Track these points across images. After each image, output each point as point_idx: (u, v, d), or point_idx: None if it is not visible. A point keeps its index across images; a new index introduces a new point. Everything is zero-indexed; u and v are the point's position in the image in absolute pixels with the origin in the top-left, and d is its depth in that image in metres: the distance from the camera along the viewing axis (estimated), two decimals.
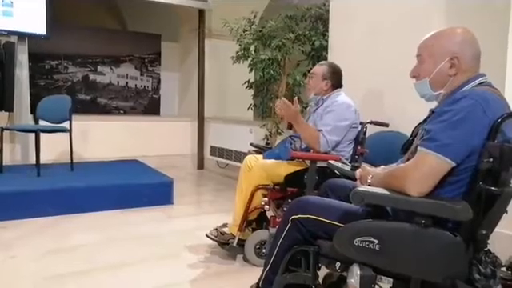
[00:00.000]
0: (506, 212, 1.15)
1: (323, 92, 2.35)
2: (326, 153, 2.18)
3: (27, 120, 4.27)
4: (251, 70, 4.21)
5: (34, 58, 5.01)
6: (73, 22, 5.79)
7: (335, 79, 2.36)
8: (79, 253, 2.47)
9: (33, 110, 4.12)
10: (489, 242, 1.13)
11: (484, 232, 1.08)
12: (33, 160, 3.83)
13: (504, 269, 1.25)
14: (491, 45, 2.13)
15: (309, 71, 3.60)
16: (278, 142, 3.68)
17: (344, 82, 2.40)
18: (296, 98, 2.20)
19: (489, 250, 1.12)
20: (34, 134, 3.61)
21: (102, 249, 2.55)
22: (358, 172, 1.39)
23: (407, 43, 1.34)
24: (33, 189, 3.22)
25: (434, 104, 1.33)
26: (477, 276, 1.07)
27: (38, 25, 4.21)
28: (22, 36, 4.21)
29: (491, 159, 1.05)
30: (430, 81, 1.27)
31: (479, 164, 1.07)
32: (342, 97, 2.31)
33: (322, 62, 2.52)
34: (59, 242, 2.64)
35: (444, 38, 1.25)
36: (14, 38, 4.17)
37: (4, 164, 3.71)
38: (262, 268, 1.52)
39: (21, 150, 4.33)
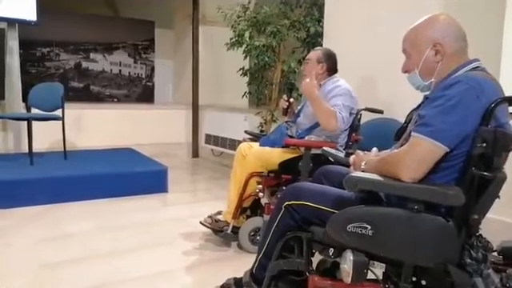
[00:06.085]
0: (499, 197, 1.15)
1: (319, 76, 2.33)
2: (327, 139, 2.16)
3: (19, 108, 4.20)
4: (246, 57, 4.17)
5: (24, 45, 4.93)
6: (64, 8, 5.68)
7: (330, 62, 2.34)
8: (74, 241, 2.47)
9: (24, 98, 4.06)
10: (481, 227, 1.13)
11: (476, 217, 1.09)
12: (25, 148, 3.80)
13: (495, 253, 1.26)
14: (487, 33, 2.12)
15: (304, 58, 3.58)
16: (272, 129, 3.67)
17: (339, 68, 2.38)
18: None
19: (480, 234, 1.13)
20: (26, 122, 3.57)
21: (97, 237, 2.55)
22: (351, 158, 1.39)
23: (403, 29, 1.32)
24: (26, 177, 3.20)
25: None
26: (468, 260, 1.08)
27: (27, 11, 4.11)
28: (11, 22, 4.12)
29: (484, 144, 1.05)
30: (419, 72, 1.27)
31: (472, 149, 1.07)
32: (342, 82, 2.28)
33: (317, 47, 2.52)
34: (54, 230, 2.63)
35: (423, 28, 1.26)
36: (3, 25, 4.09)
37: None
38: (255, 255, 1.52)
39: (13, 138, 4.28)
